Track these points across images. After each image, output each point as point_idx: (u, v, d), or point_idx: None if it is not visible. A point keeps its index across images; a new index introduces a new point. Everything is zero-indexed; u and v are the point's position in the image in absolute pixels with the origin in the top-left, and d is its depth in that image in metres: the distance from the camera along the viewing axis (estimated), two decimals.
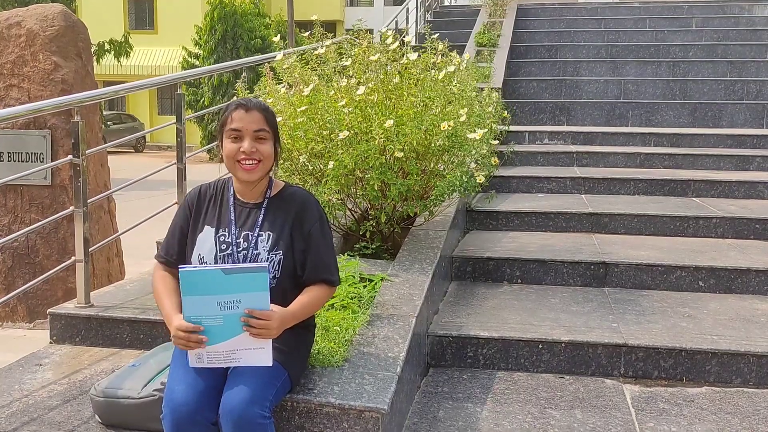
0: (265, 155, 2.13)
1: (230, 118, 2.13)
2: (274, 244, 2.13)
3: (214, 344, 1.92)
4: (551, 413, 2.61)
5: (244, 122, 2.11)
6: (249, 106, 2.13)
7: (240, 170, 2.12)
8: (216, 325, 1.92)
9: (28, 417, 2.36)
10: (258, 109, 2.14)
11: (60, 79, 5.51)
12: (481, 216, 4.67)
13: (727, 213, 4.56)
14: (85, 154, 3.16)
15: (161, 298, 2.14)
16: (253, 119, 2.11)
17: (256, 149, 2.10)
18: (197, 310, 1.91)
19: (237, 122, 2.11)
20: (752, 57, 8.49)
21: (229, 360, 1.94)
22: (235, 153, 2.10)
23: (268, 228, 2.15)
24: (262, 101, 2.22)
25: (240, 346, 1.93)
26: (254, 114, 2.12)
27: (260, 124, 2.12)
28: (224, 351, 1.93)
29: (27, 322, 5.50)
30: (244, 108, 2.13)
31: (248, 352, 1.93)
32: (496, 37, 8.80)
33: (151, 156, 22.91)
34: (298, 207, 2.19)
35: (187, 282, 1.91)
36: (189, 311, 1.92)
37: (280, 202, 2.20)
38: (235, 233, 2.15)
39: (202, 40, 22.42)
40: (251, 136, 2.11)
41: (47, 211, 5.36)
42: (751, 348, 2.90)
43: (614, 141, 6.54)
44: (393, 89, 3.55)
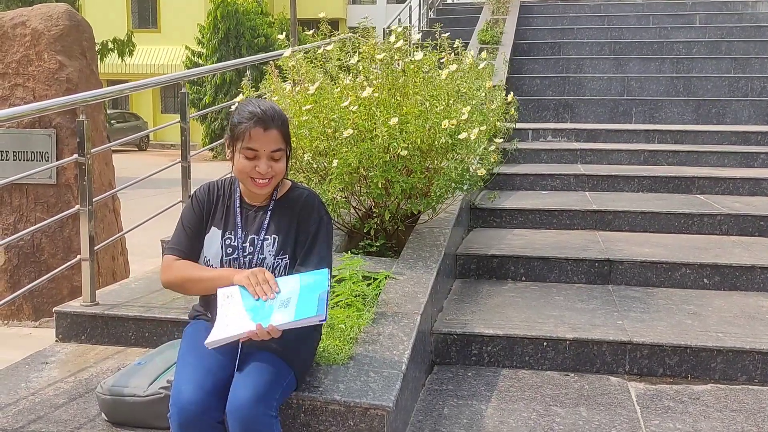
0: (279, 173, 2.10)
1: (248, 135, 2.04)
2: (280, 249, 2.13)
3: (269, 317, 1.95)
4: (556, 411, 2.61)
5: (262, 143, 2.04)
6: (268, 125, 2.04)
7: (252, 186, 2.09)
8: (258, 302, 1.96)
9: (34, 415, 2.37)
10: (276, 127, 2.06)
11: (65, 78, 5.53)
12: (485, 213, 4.67)
13: (731, 210, 4.55)
14: (90, 152, 3.17)
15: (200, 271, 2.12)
16: (270, 139, 2.05)
17: (271, 168, 2.06)
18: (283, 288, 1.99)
19: (255, 142, 2.04)
20: (756, 53, 8.46)
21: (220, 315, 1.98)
22: (250, 170, 2.06)
23: (273, 231, 2.14)
24: (279, 110, 2.12)
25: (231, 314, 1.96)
26: (272, 133, 2.05)
27: (278, 143, 2.07)
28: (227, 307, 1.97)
29: (33, 320, 5.52)
30: (262, 126, 2.04)
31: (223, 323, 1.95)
32: (499, 34, 8.79)
33: (155, 154, 22.94)
34: (301, 209, 2.17)
35: (312, 281, 2.00)
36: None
37: (285, 205, 2.18)
38: (241, 237, 2.15)
39: (205, 38, 22.44)
40: (267, 156, 2.06)
41: (52, 210, 5.37)
42: (756, 345, 2.90)
43: (618, 138, 6.53)
44: (398, 87, 3.55)
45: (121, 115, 25.59)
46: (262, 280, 1.99)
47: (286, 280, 2.04)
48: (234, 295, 2.00)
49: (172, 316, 2.93)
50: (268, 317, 1.93)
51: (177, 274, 2.14)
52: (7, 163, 5.44)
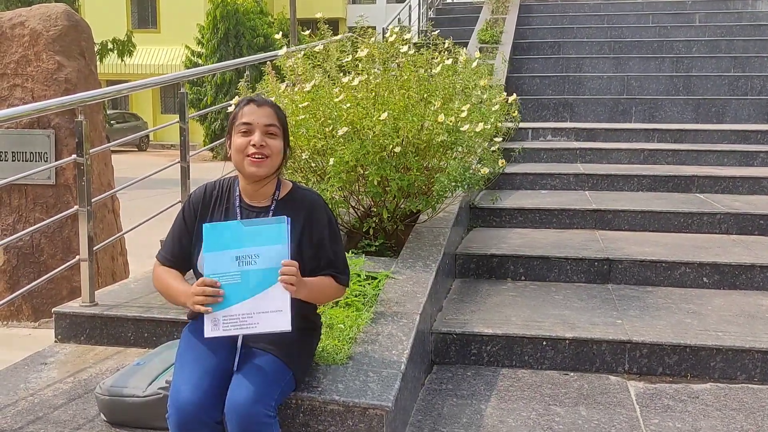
0: (275, 151, 2.11)
1: (241, 113, 2.12)
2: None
3: (230, 306, 1.92)
4: (556, 410, 2.61)
5: (255, 116, 2.10)
6: (260, 102, 2.14)
7: (248, 164, 2.09)
8: (234, 284, 1.93)
9: (33, 415, 2.37)
10: (269, 105, 2.15)
11: (63, 78, 5.52)
12: (485, 213, 4.67)
13: (731, 209, 4.55)
14: (88, 153, 3.17)
15: (170, 283, 2.11)
16: (264, 113, 2.11)
17: (266, 143, 2.08)
18: (216, 267, 1.94)
19: (248, 116, 2.10)
20: (756, 52, 8.45)
21: (245, 325, 1.91)
22: (245, 146, 2.08)
23: None
24: (272, 99, 2.22)
25: (257, 308, 1.92)
26: (265, 109, 2.12)
27: (271, 119, 2.12)
28: (241, 314, 1.92)
29: (32, 321, 5.52)
30: (255, 103, 2.13)
31: (265, 315, 1.91)
32: (499, 33, 8.79)
33: (155, 155, 22.94)
34: (307, 212, 2.15)
35: (210, 236, 1.95)
36: (209, 269, 1.95)
37: (288, 206, 2.16)
38: None
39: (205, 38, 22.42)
40: (261, 130, 2.09)
41: (51, 211, 5.37)
42: (755, 344, 2.89)
43: (618, 137, 6.53)
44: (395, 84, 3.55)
45: (121, 116, 25.59)
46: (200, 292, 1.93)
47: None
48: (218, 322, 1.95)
49: (171, 317, 2.92)
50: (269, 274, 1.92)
51: (156, 282, 2.18)
52: (5, 164, 5.43)
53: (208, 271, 1.95)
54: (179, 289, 2.08)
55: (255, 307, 1.92)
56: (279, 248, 1.94)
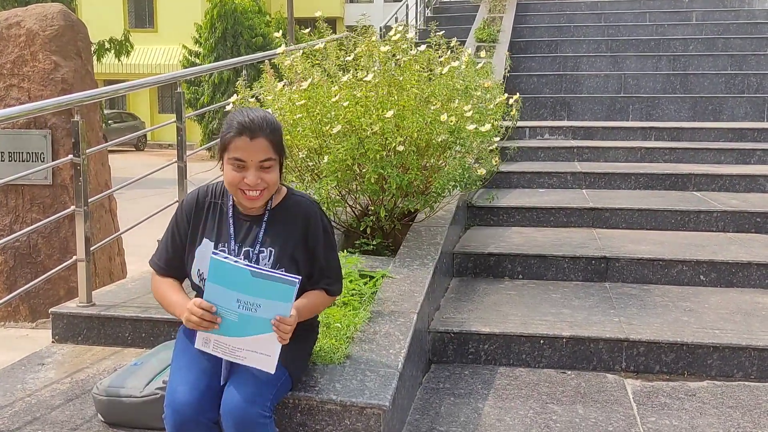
0: (271, 183, 1.99)
1: (234, 144, 1.96)
2: (276, 261, 2.05)
3: (224, 335, 1.91)
4: (553, 408, 2.61)
5: (249, 153, 1.94)
6: (254, 133, 1.94)
7: (243, 198, 2.01)
8: (231, 320, 1.90)
9: (30, 416, 2.37)
10: (264, 136, 1.95)
11: (60, 78, 5.52)
12: (482, 212, 4.67)
13: (728, 207, 4.56)
14: (85, 153, 3.16)
15: (166, 293, 2.08)
16: (258, 148, 1.95)
17: (261, 179, 1.96)
18: (217, 299, 1.89)
19: (241, 152, 1.95)
20: (753, 50, 8.47)
21: (233, 355, 1.92)
22: (238, 182, 1.96)
23: (269, 244, 2.06)
24: (271, 119, 2.00)
25: (248, 346, 1.91)
26: (259, 142, 1.95)
27: (266, 152, 1.96)
28: (231, 345, 1.91)
29: (29, 321, 5.52)
30: (249, 135, 1.94)
31: (254, 354, 1.90)
32: (496, 32, 8.79)
33: (152, 154, 22.92)
34: (302, 222, 2.09)
35: (215, 270, 1.88)
36: (209, 296, 1.90)
37: (282, 214, 2.10)
38: (235, 249, 2.05)
39: (203, 38, 22.41)
40: (256, 167, 1.95)
41: (48, 211, 5.37)
42: (752, 342, 2.90)
43: (615, 135, 6.54)
44: (396, 83, 3.55)
45: (118, 115, 25.57)
46: (198, 314, 1.88)
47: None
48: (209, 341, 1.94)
49: (168, 317, 2.92)
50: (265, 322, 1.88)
51: (154, 292, 2.15)
52: (2, 164, 5.43)
53: (208, 298, 1.90)
54: (175, 300, 2.04)
55: (246, 344, 1.91)
56: (282, 305, 1.88)
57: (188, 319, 1.90)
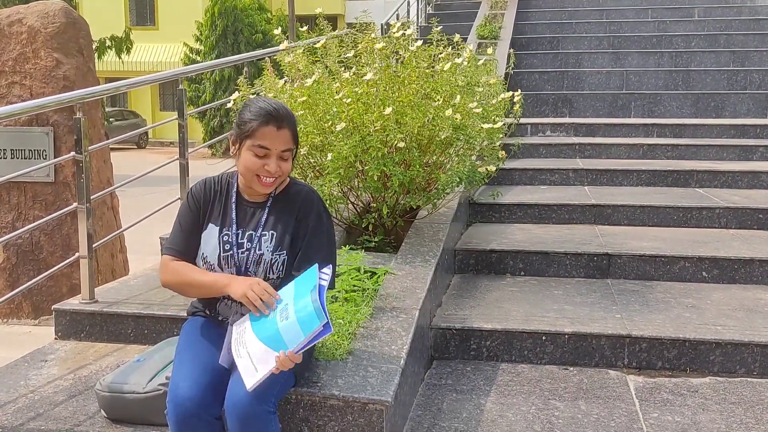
0: (286, 171, 2.10)
1: (260, 132, 2.03)
2: (278, 245, 2.11)
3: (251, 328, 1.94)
4: (555, 404, 2.61)
5: (274, 142, 2.04)
6: (280, 123, 2.04)
7: (257, 184, 2.08)
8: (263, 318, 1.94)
9: (34, 412, 2.37)
10: (287, 126, 2.06)
11: (62, 75, 5.52)
12: (484, 208, 4.67)
13: (730, 203, 4.55)
14: (87, 150, 3.17)
15: (193, 273, 2.10)
16: (283, 139, 2.05)
17: (280, 167, 2.06)
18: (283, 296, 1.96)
19: (267, 140, 2.03)
20: (755, 46, 8.44)
21: (237, 345, 1.94)
22: (258, 168, 2.05)
23: (271, 227, 2.13)
24: (289, 110, 2.11)
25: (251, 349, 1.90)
26: (284, 133, 2.05)
27: (288, 143, 2.07)
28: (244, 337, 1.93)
29: (32, 318, 5.53)
30: (275, 125, 2.03)
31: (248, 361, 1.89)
32: (498, 29, 8.77)
33: (154, 152, 22.93)
34: (300, 206, 2.16)
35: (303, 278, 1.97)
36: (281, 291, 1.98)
37: (284, 201, 2.17)
38: (239, 233, 2.13)
39: (203, 35, 22.40)
40: (278, 156, 2.05)
41: (51, 208, 5.37)
42: (755, 338, 2.90)
43: (617, 132, 6.53)
44: (397, 80, 3.54)
45: (120, 113, 25.59)
46: (260, 292, 1.96)
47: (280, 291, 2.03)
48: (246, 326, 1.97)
49: (171, 313, 2.93)
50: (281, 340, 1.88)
51: (173, 276, 2.14)
52: (4, 161, 5.43)
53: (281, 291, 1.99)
54: (211, 278, 2.07)
55: (253, 348, 1.90)
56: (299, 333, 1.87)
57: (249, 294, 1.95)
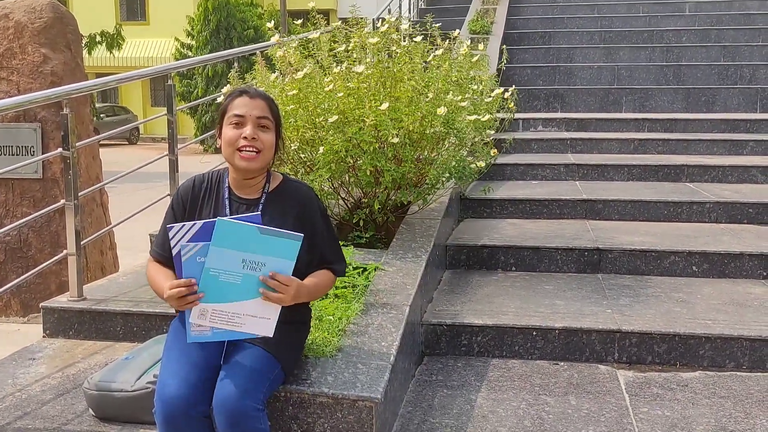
0: (267, 145, 2.07)
1: (232, 104, 2.09)
2: None
3: (223, 302, 1.91)
4: (546, 400, 2.61)
5: (248, 108, 2.07)
6: (253, 93, 2.10)
7: (239, 159, 2.06)
8: (233, 283, 1.91)
9: (21, 411, 2.35)
10: (262, 97, 2.11)
11: (49, 71, 5.46)
12: (475, 204, 4.66)
13: (720, 198, 4.56)
14: (75, 146, 3.14)
15: (156, 278, 2.08)
16: (256, 105, 2.08)
17: (258, 137, 2.05)
18: (221, 263, 1.90)
19: (240, 108, 2.07)
20: (745, 41, 8.47)
21: (231, 323, 1.92)
22: (236, 139, 2.05)
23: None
24: (267, 93, 2.18)
25: (247, 311, 1.92)
26: (258, 101, 2.09)
27: (264, 111, 2.09)
28: (230, 312, 1.92)
29: (20, 316, 5.49)
30: (248, 95, 2.09)
31: (253, 319, 1.92)
32: (490, 24, 8.77)
33: (145, 148, 22.82)
34: (299, 205, 2.13)
35: (221, 232, 1.89)
36: (212, 262, 1.90)
37: (278, 198, 2.14)
38: None
39: (195, 30, 22.29)
40: (254, 123, 2.06)
41: (39, 205, 5.32)
42: (744, 332, 2.91)
43: (608, 127, 6.54)
44: (389, 74, 3.52)
45: (111, 109, 25.43)
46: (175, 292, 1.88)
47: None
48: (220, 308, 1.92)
49: (160, 311, 2.91)
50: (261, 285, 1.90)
51: (148, 279, 2.15)
52: None
53: (212, 265, 1.90)
54: (162, 282, 2.04)
55: (246, 309, 1.92)
56: (286, 263, 1.92)
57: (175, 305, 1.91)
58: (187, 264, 1.91)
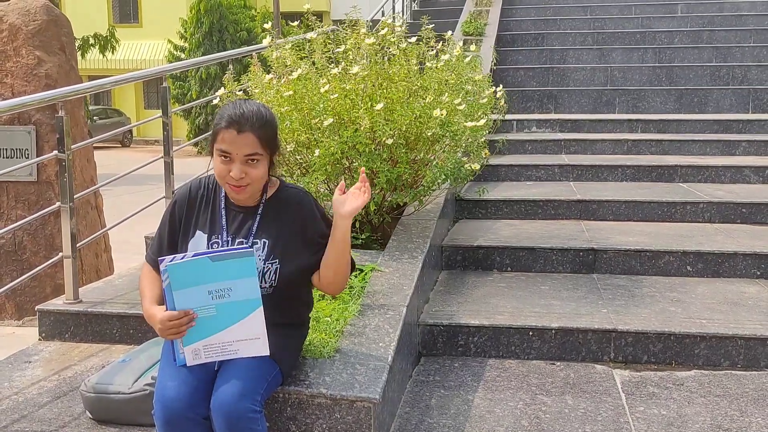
0: (255, 178, 1.99)
1: (220, 137, 1.97)
2: (270, 253, 2.05)
3: (209, 336, 1.91)
4: (542, 399, 2.62)
5: (235, 146, 1.95)
6: (241, 127, 1.95)
7: (229, 190, 2.03)
8: (210, 316, 1.90)
9: (18, 414, 2.35)
10: (252, 130, 1.95)
11: (44, 74, 5.45)
12: (470, 205, 4.68)
13: (713, 198, 4.59)
14: (70, 149, 3.13)
15: (143, 291, 2.08)
16: (245, 142, 1.95)
17: (246, 174, 1.96)
18: (189, 303, 1.89)
19: (227, 145, 1.95)
20: (737, 42, 8.52)
21: (226, 352, 1.93)
22: (225, 175, 1.98)
23: (263, 235, 2.06)
24: (263, 113, 2.01)
25: (235, 337, 1.92)
26: (247, 137, 1.95)
27: (253, 147, 1.96)
28: (221, 343, 1.92)
29: (15, 319, 5.46)
30: (236, 129, 1.95)
31: (244, 343, 1.92)
32: (483, 25, 8.79)
33: (139, 150, 22.75)
34: (296, 213, 2.10)
35: (176, 275, 1.87)
36: (181, 305, 1.88)
37: (276, 206, 2.10)
38: (228, 241, 2.05)
39: (188, 33, 22.25)
40: (241, 161, 1.96)
41: (34, 208, 5.30)
42: (738, 331, 2.93)
43: (602, 128, 6.56)
44: (384, 76, 3.53)
45: (104, 111, 25.34)
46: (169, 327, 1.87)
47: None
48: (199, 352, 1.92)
49: None
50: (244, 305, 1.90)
51: (140, 284, 2.13)
52: None
53: (180, 307, 1.88)
54: (146, 306, 2.01)
55: (233, 335, 1.92)
56: (250, 281, 1.90)
57: (165, 334, 1.90)
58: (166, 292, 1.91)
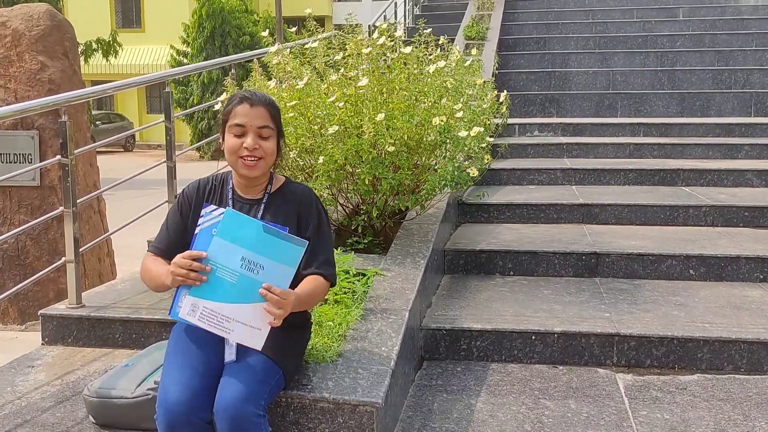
0: (268, 152, 2.10)
1: (234, 112, 2.10)
2: None
3: (215, 300, 1.88)
4: (545, 403, 2.62)
5: (249, 117, 2.08)
6: (254, 101, 2.10)
7: (241, 166, 2.10)
8: (229, 282, 1.88)
9: (21, 419, 2.35)
10: (263, 104, 2.11)
11: (47, 78, 5.47)
12: (473, 209, 4.68)
13: (716, 201, 4.59)
14: (73, 153, 3.14)
15: (151, 267, 2.07)
16: (257, 114, 2.09)
17: (259, 146, 2.08)
18: (221, 257, 1.87)
19: (241, 117, 2.08)
20: (739, 46, 8.52)
21: (221, 327, 1.88)
22: (238, 148, 2.08)
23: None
24: (269, 97, 2.17)
25: (239, 317, 1.88)
26: (259, 109, 2.09)
27: (265, 120, 2.10)
28: (222, 314, 1.88)
29: (19, 324, 5.47)
30: (248, 102, 2.09)
31: (243, 327, 1.89)
32: (485, 30, 8.80)
33: (141, 155, 22.79)
34: (298, 205, 2.17)
35: (227, 223, 1.88)
36: (213, 253, 1.86)
37: (280, 199, 2.18)
38: None
39: (191, 38, 22.30)
40: (255, 132, 2.08)
41: (36, 212, 5.32)
42: (742, 335, 2.92)
43: (604, 132, 6.56)
44: (384, 83, 3.54)
45: (107, 116, 25.41)
46: (184, 264, 1.87)
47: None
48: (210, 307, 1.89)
49: (159, 317, 2.91)
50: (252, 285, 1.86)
51: (143, 272, 2.13)
52: None
53: (212, 255, 1.87)
54: (161, 270, 2.02)
55: (238, 314, 1.89)
56: (286, 270, 1.89)
57: (175, 272, 1.89)
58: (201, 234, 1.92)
